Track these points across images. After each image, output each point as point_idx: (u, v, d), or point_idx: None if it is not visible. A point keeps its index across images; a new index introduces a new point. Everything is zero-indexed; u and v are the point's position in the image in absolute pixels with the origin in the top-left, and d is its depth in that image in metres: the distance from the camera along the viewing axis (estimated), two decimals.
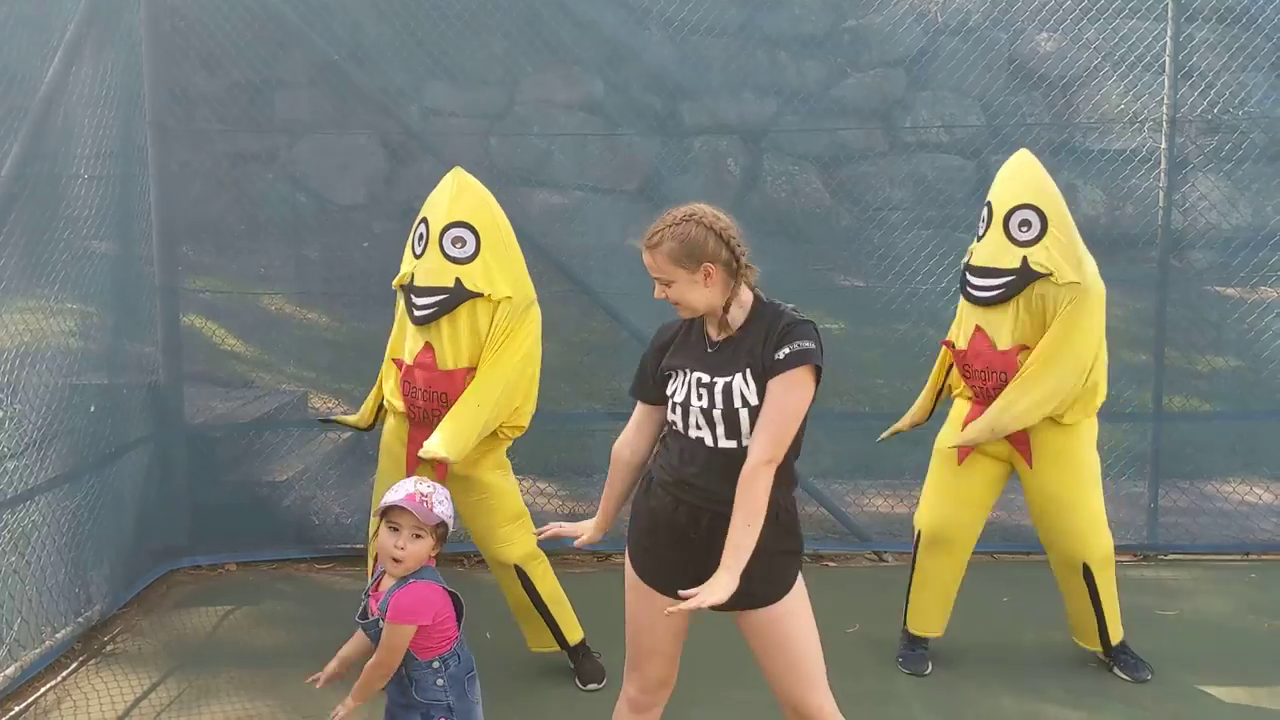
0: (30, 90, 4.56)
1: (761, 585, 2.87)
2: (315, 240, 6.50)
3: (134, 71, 5.36)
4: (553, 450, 6.12)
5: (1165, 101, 5.68)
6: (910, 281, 5.98)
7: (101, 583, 4.90)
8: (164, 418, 5.59)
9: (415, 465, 4.20)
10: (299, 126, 6.50)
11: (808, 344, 2.81)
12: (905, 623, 4.56)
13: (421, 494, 2.99)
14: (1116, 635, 4.39)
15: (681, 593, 2.71)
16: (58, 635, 4.57)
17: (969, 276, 4.29)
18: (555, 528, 3.32)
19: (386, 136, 6.64)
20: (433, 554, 3.02)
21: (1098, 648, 4.41)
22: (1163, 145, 5.70)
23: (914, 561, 4.50)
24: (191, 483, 5.72)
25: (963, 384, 4.41)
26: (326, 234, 6.57)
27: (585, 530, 3.26)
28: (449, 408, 4.08)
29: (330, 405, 6.52)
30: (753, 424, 2.82)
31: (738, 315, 2.91)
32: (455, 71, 6.29)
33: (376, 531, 3.06)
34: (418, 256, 4.16)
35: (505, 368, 4.11)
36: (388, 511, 2.97)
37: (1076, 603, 4.38)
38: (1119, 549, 5.74)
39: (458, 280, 4.07)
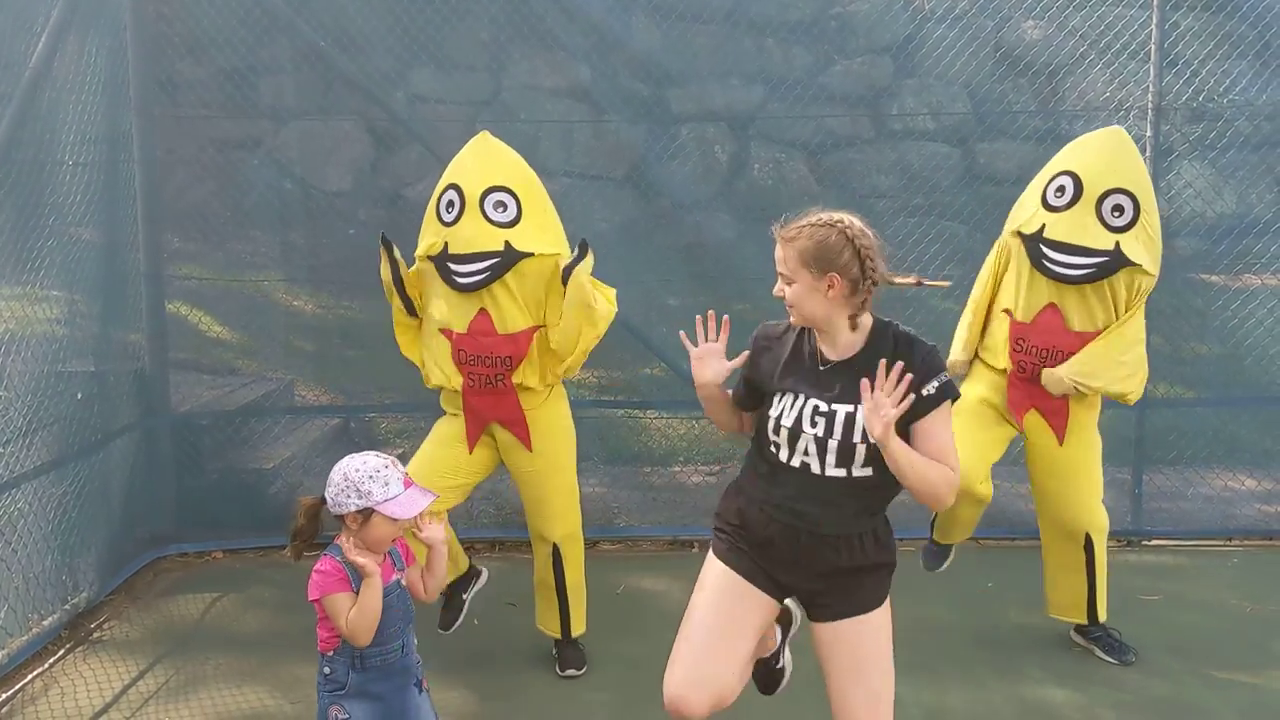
0: (14, 76, 4.54)
1: (858, 595, 2.85)
2: (301, 227, 6.48)
3: (119, 57, 5.33)
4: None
5: (1150, 89, 5.70)
6: (897, 268, 5.96)
7: (88, 570, 4.89)
8: (150, 405, 5.58)
9: (477, 434, 4.23)
10: (285, 113, 6.47)
11: (947, 376, 2.76)
12: (932, 534, 4.74)
13: (405, 473, 2.94)
14: (1104, 610, 4.42)
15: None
16: (44, 622, 4.57)
17: (1048, 250, 4.11)
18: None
19: (372, 123, 6.62)
20: None
21: (1082, 619, 4.43)
22: (1148, 133, 5.71)
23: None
24: (178, 470, 5.71)
25: (998, 354, 4.31)
26: (312, 220, 6.55)
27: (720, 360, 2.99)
28: (513, 371, 4.11)
29: (316, 393, 6.51)
30: (869, 457, 2.75)
31: (857, 339, 2.81)
32: (441, 58, 6.27)
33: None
34: (449, 224, 4.09)
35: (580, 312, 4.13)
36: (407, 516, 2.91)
37: (1069, 574, 4.38)
38: None
39: (507, 243, 4.04)
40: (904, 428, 2.73)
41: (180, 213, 6.12)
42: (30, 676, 4.31)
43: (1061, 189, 4.15)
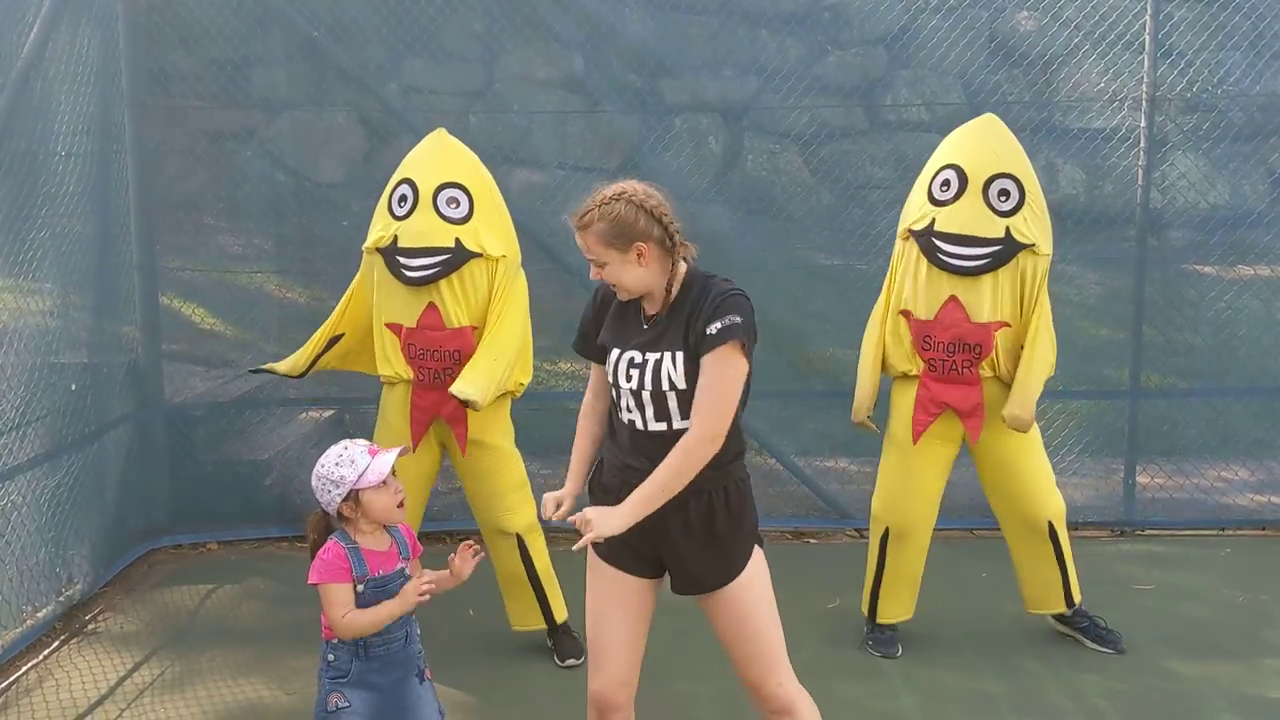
0: (5, 67, 4.52)
1: (717, 571, 2.86)
2: (294, 218, 6.46)
3: (111, 47, 5.32)
4: (533, 428, 6.10)
5: (1145, 80, 5.70)
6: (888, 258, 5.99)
7: (82, 562, 4.89)
8: (144, 397, 5.57)
9: (421, 434, 4.21)
10: (277, 104, 6.44)
11: (736, 318, 2.72)
12: (872, 614, 4.48)
13: (367, 444, 2.96)
14: (1078, 592, 4.43)
15: (572, 518, 2.72)
16: (39, 614, 4.57)
17: (940, 244, 4.13)
18: (555, 509, 2.99)
19: (365, 114, 6.60)
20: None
21: (1061, 608, 4.43)
22: (1142, 124, 5.72)
23: (881, 556, 4.40)
24: (172, 462, 5.70)
25: (907, 360, 4.29)
26: (305, 212, 6.53)
27: (562, 498, 2.97)
28: (462, 365, 4.09)
29: (311, 384, 6.48)
30: (681, 407, 2.77)
31: (676, 290, 2.83)
32: (434, 49, 6.25)
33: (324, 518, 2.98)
34: (400, 218, 4.12)
35: (513, 324, 4.15)
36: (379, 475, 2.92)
37: (1039, 567, 4.38)
38: (1096, 525, 5.83)
39: (458, 240, 4.07)
40: (691, 367, 2.75)
41: (173, 204, 6.11)
42: (25, 669, 4.31)
43: (946, 183, 4.17)
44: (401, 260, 4.10)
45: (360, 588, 2.91)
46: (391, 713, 2.96)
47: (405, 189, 4.15)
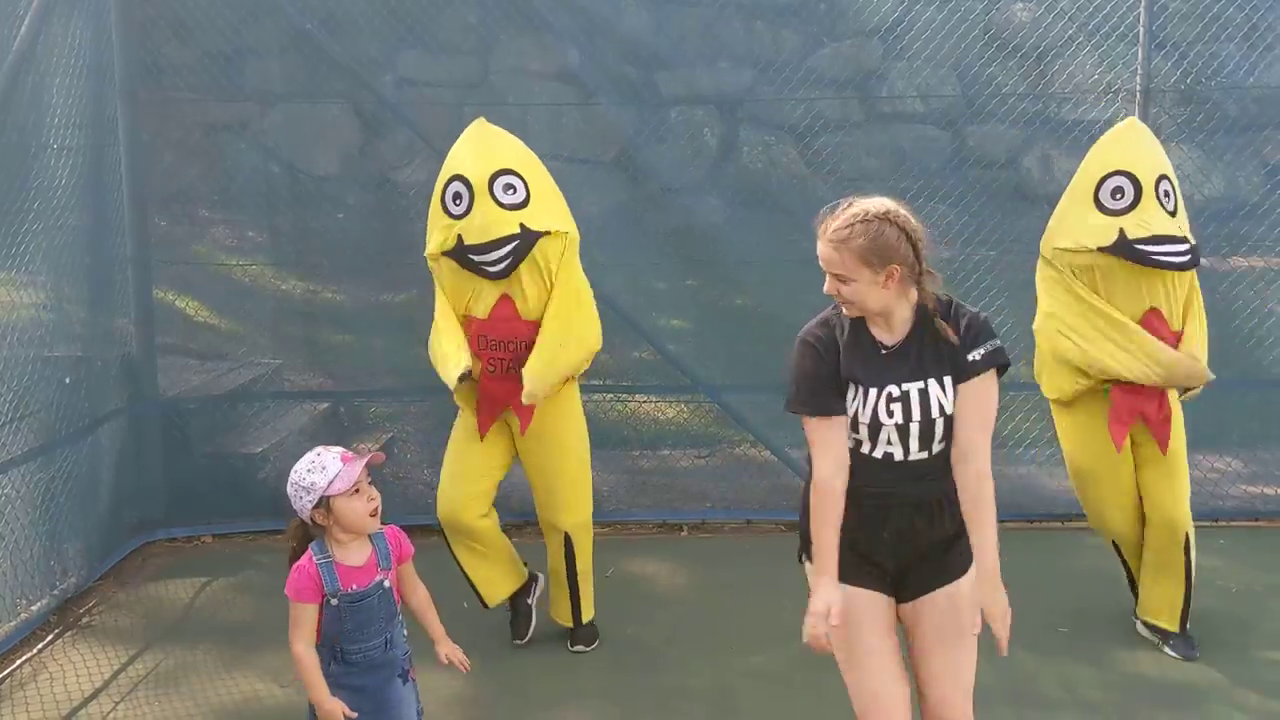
0: None
1: (959, 560, 2.85)
2: (289, 211, 6.45)
3: (103, 40, 5.30)
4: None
5: (1139, 72, 5.70)
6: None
7: (77, 555, 4.89)
8: (138, 390, 5.57)
9: (490, 423, 4.21)
10: (271, 96, 6.43)
11: (997, 342, 2.72)
12: (1183, 624, 4.41)
13: (341, 450, 2.94)
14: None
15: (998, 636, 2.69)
16: (33, 608, 4.57)
17: (1147, 248, 3.93)
18: (820, 628, 2.69)
19: (360, 106, 6.58)
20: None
21: (1175, 627, 4.34)
22: (1136, 116, 5.71)
23: (1133, 562, 4.45)
24: (166, 455, 5.69)
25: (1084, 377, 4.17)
26: (300, 205, 6.52)
27: (832, 600, 2.69)
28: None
29: (305, 377, 6.49)
30: (946, 432, 2.72)
31: (910, 316, 2.75)
32: (429, 41, 6.24)
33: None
34: (459, 216, 4.04)
35: (567, 306, 4.13)
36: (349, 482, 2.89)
37: (1168, 580, 4.30)
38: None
39: (522, 225, 4.02)
40: (953, 387, 2.71)
41: (167, 197, 6.09)
42: (19, 662, 4.31)
43: (1119, 190, 4.02)
44: (475, 258, 4.01)
45: (334, 601, 2.90)
46: (373, 712, 2.96)
47: (458, 185, 4.07)
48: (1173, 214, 4.03)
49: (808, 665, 4.22)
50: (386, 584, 2.97)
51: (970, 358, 2.70)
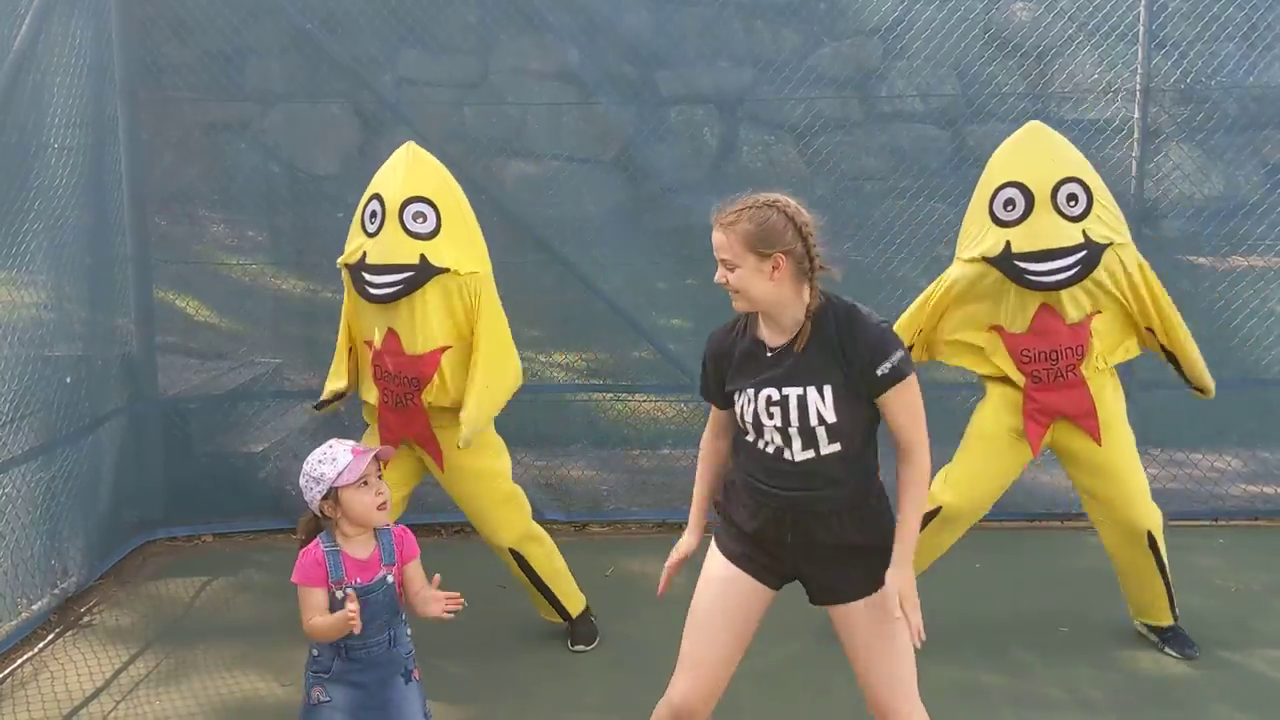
0: None
1: (860, 581, 2.85)
2: (288, 210, 6.44)
3: (104, 40, 5.31)
4: (529, 421, 6.12)
5: (1139, 71, 5.70)
6: (886, 251, 6.00)
7: (77, 554, 4.89)
8: (138, 390, 5.57)
9: (393, 451, 4.18)
10: (271, 96, 6.43)
11: (901, 352, 2.74)
12: None
13: (353, 444, 2.96)
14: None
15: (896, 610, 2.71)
16: (34, 607, 4.57)
17: (1025, 265, 3.99)
18: (667, 573, 3.10)
19: (360, 106, 6.58)
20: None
21: (1168, 620, 4.38)
22: (1136, 115, 5.72)
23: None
24: (166, 454, 5.70)
25: (1004, 365, 4.19)
26: (300, 204, 6.51)
27: (685, 549, 3.09)
28: (421, 392, 4.06)
29: (306, 377, 6.49)
30: (829, 438, 2.75)
31: (800, 319, 2.77)
32: (429, 40, 6.24)
33: (314, 520, 3.00)
34: (371, 235, 4.03)
35: (496, 346, 4.09)
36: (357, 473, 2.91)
37: (1144, 578, 4.31)
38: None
39: (422, 256, 3.97)
40: (844, 403, 2.74)
41: (167, 197, 6.09)
42: (19, 661, 4.32)
43: (1011, 202, 4.05)
44: (366, 277, 4.01)
45: (338, 593, 2.91)
46: (374, 710, 2.96)
47: (375, 204, 4.05)
48: (1079, 218, 4.01)
49: (809, 664, 4.24)
50: (390, 579, 2.98)
51: (879, 373, 2.73)
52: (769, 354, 2.79)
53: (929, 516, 4.32)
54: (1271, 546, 5.50)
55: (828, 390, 2.73)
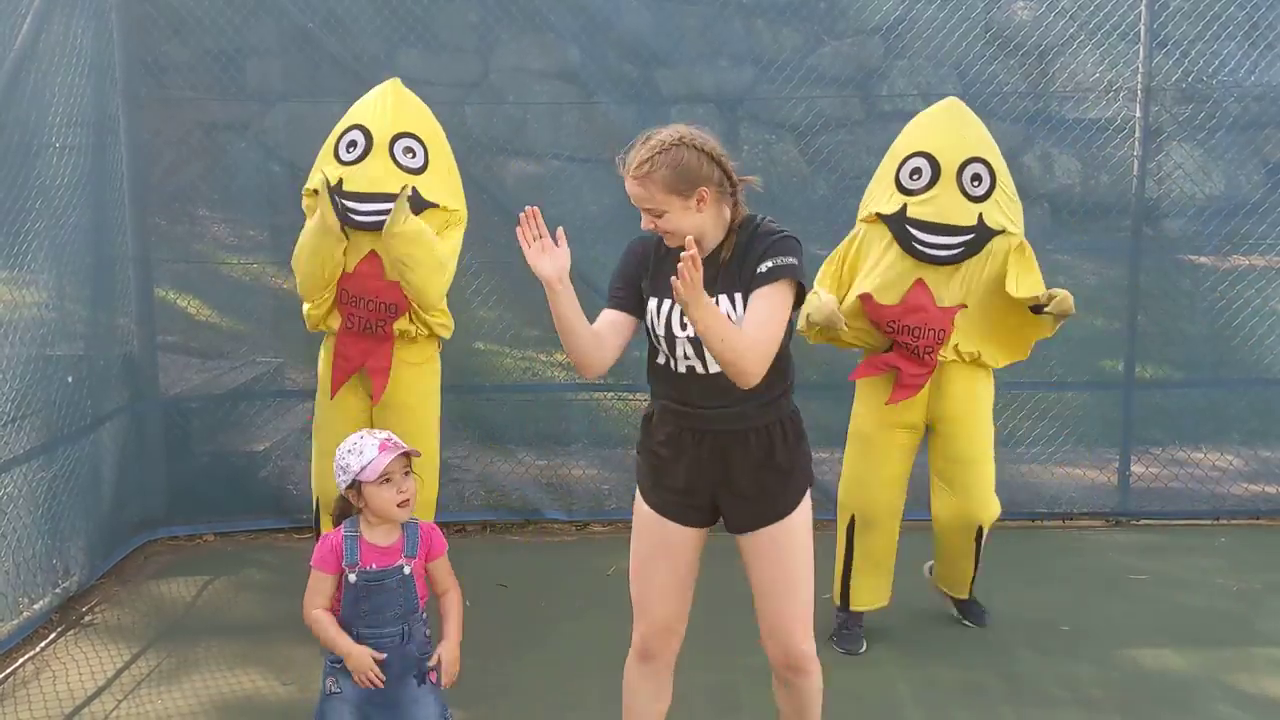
0: None
1: (773, 505, 2.87)
2: (289, 210, 6.43)
3: (104, 39, 5.31)
4: (528, 420, 6.12)
5: (1140, 70, 5.70)
6: None
7: (79, 554, 4.89)
8: (139, 389, 5.57)
9: (341, 383, 4.20)
10: (272, 95, 6.43)
11: (790, 259, 2.72)
12: (845, 602, 4.45)
13: (386, 438, 2.96)
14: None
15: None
16: (35, 606, 4.57)
17: (915, 232, 4.03)
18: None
19: None
20: None
21: (965, 594, 4.54)
22: (1137, 114, 5.72)
23: (849, 544, 4.39)
24: (168, 454, 5.70)
25: (869, 339, 4.23)
26: (300, 203, 6.51)
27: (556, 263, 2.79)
28: (394, 319, 4.10)
29: (307, 376, 6.49)
30: None
31: (716, 235, 2.79)
32: (429, 40, 6.23)
33: (340, 507, 3.02)
34: (349, 163, 4.07)
35: (449, 249, 4.16)
36: (379, 470, 2.90)
37: (959, 560, 4.43)
38: (1090, 515, 5.84)
39: (415, 190, 4.03)
40: (743, 302, 2.75)
41: (167, 196, 6.10)
42: (21, 661, 4.32)
43: (917, 171, 4.08)
44: (349, 204, 4.03)
45: (352, 577, 2.92)
46: (384, 708, 2.96)
47: (356, 134, 4.10)
48: (980, 199, 4.04)
49: None
50: (407, 570, 2.97)
51: (759, 269, 2.72)
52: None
53: (850, 527, 4.40)
54: (1273, 546, 5.51)
55: (738, 297, 2.75)
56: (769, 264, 2.71)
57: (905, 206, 4.07)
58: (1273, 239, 6.13)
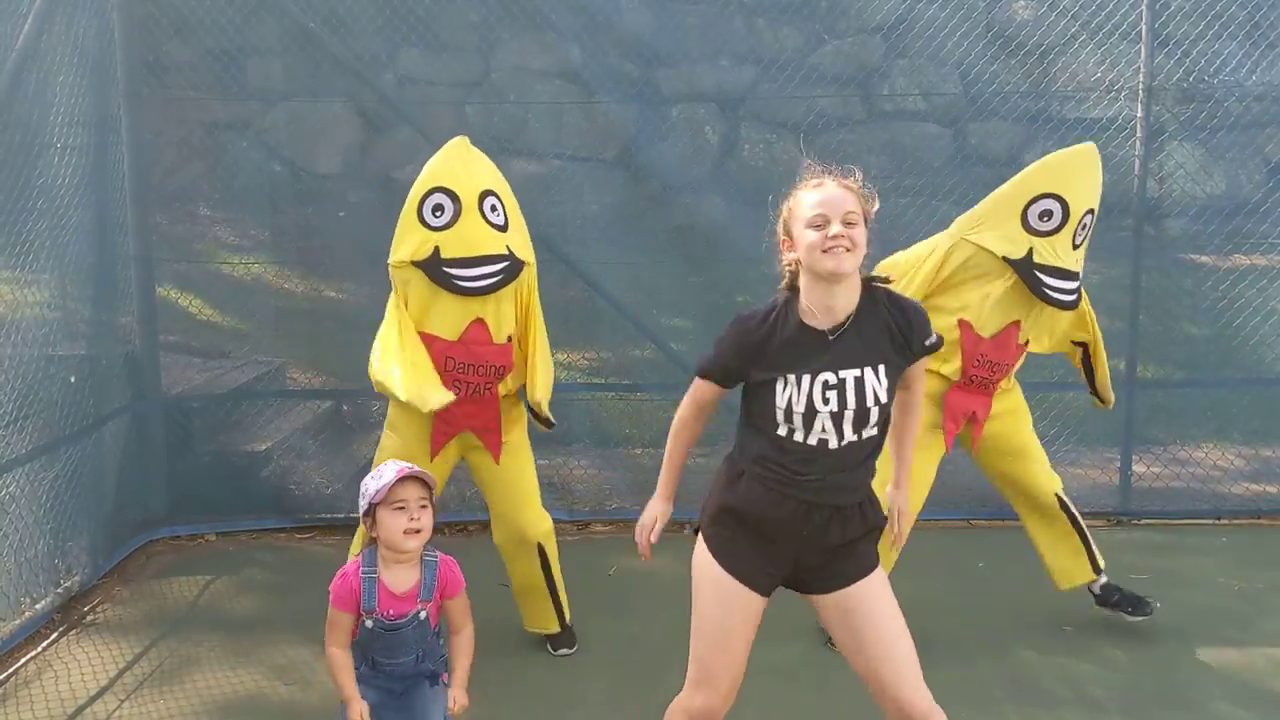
0: (0, 58, 4.51)
1: (858, 562, 2.85)
2: (290, 209, 6.45)
3: (106, 38, 5.31)
4: (530, 419, 6.12)
5: (1141, 70, 5.70)
6: (887, 249, 5.99)
7: (81, 553, 4.89)
8: (141, 388, 5.57)
9: (443, 445, 4.16)
10: (273, 94, 6.44)
11: (937, 335, 2.87)
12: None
13: (409, 466, 2.95)
14: (1101, 558, 4.52)
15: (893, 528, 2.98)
16: (37, 606, 4.57)
17: (1044, 277, 4.04)
18: (644, 536, 3.13)
19: (361, 104, 6.59)
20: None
21: (1090, 575, 4.50)
22: (1139, 114, 5.72)
23: None
24: (169, 453, 5.70)
25: (945, 358, 4.23)
26: (301, 203, 6.52)
27: (664, 516, 3.12)
28: (501, 379, 4.09)
29: (309, 376, 6.50)
30: (879, 419, 2.77)
31: (854, 299, 2.76)
32: (430, 39, 6.24)
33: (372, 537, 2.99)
34: (439, 228, 3.93)
35: (543, 331, 4.21)
36: (389, 495, 2.89)
37: (1059, 541, 4.47)
38: (1092, 514, 5.83)
39: (509, 248, 3.98)
40: (894, 381, 2.80)
41: (169, 195, 6.10)
42: (23, 660, 4.32)
43: (1048, 213, 4.07)
44: (453, 271, 3.93)
45: (369, 623, 2.92)
46: (397, 709, 2.98)
47: (441, 198, 3.94)
48: (1078, 247, 4.12)
49: (813, 661, 4.24)
50: (423, 615, 2.96)
51: (927, 343, 2.84)
52: (830, 337, 2.75)
53: None
54: (1274, 545, 5.50)
55: (881, 369, 2.76)
56: (935, 337, 2.86)
57: (1032, 250, 4.05)
58: (1274, 238, 6.14)
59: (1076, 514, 4.45)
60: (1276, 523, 5.81)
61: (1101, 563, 4.48)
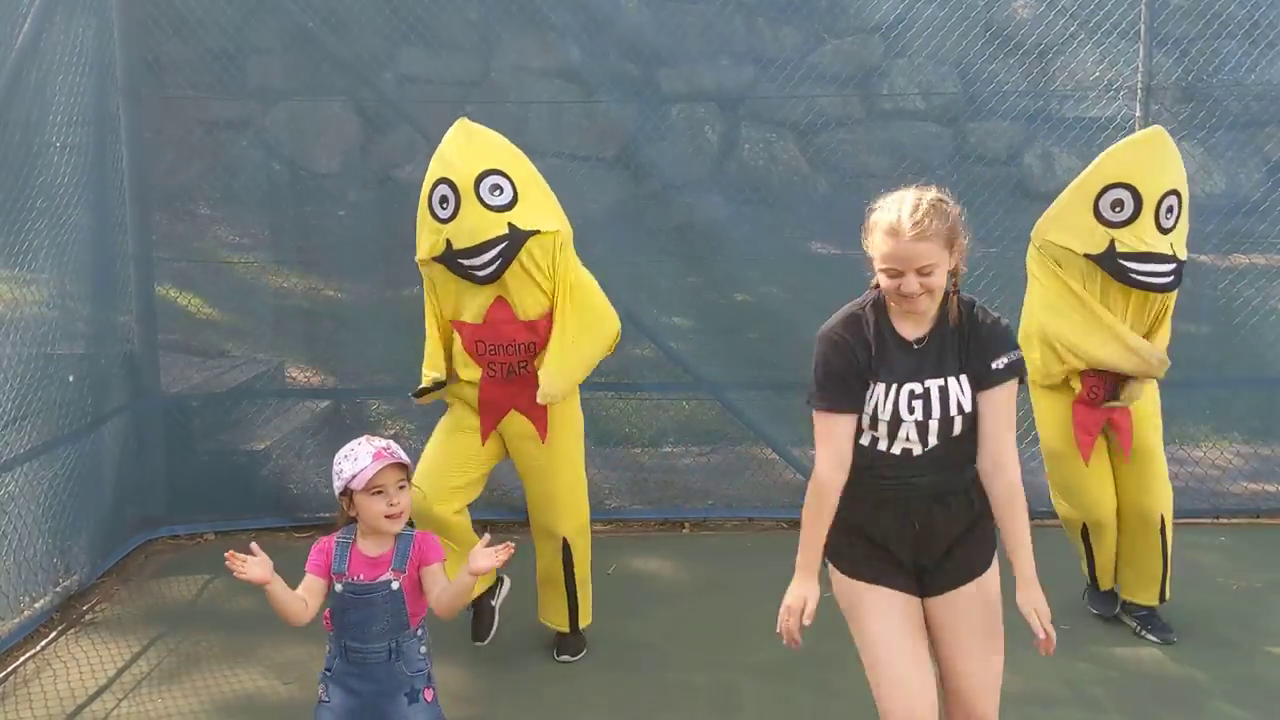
0: (0, 58, 4.51)
1: (982, 552, 2.87)
2: (290, 208, 6.46)
3: (106, 38, 5.30)
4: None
5: (1140, 69, 5.70)
6: None
7: (79, 552, 4.89)
8: (140, 388, 5.57)
9: (493, 427, 4.15)
10: (273, 93, 6.44)
11: (1018, 353, 2.72)
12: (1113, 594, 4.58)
13: (384, 446, 2.91)
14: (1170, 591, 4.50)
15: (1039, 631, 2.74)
16: (36, 605, 4.57)
17: (1129, 264, 4.02)
18: (795, 620, 2.78)
19: (361, 104, 6.59)
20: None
21: (1154, 602, 4.47)
22: (1138, 113, 5.72)
23: (1089, 548, 4.50)
24: (168, 452, 5.70)
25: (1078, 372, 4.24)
26: (301, 201, 6.53)
27: (813, 599, 2.77)
28: (535, 357, 4.05)
29: (307, 375, 6.50)
30: (964, 428, 2.71)
31: (935, 311, 2.71)
32: (430, 38, 6.24)
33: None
34: (446, 220, 3.94)
35: (578, 304, 4.11)
36: (369, 484, 2.86)
37: (1146, 559, 4.43)
38: None
39: (510, 225, 3.94)
40: (970, 387, 2.72)
41: (168, 194, 6.11)
42: (22, 659, 4.32)
43: (1119, 203, 4.04)
44: (463, 262, 3.94)
45: (338, 586, 2.89)
46: None
47: (444, 189, 3.97)
48: (1168, 230, 4.05)
49: (810, 662, 4.24)
50: (395, 586, 2.90)
51: (994, 366, 2.69)
52: (916, 346, 2.72)
53: (1084, 535, 4.49)
54: (1273, 544, 5.50)
55: (964, 378, 2.71)
56: (1005, 360, 2.70)
57: (1113, 243, 4.05)
58: (1273, 237, 6.14)
59: (1169, 541, 4.39)
60: (1276, 522, 5.80)
61: (1169, 595, 4.46)
